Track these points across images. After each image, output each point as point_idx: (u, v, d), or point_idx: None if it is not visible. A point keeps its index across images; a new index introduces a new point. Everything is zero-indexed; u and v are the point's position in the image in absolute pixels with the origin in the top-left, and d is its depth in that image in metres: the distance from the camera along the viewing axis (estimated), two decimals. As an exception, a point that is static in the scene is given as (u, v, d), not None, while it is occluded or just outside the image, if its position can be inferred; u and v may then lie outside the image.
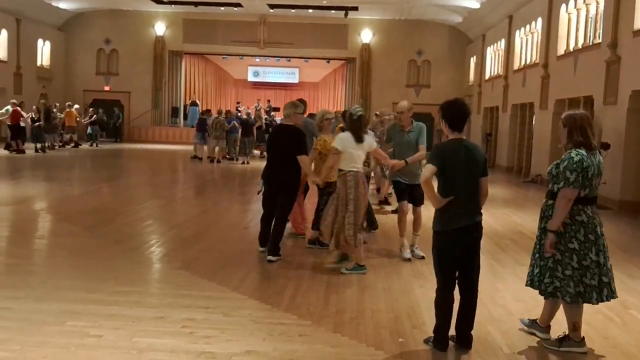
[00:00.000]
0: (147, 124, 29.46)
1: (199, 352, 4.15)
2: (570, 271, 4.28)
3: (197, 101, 30.78)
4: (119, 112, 27.57)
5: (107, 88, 29.49)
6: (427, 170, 4.22)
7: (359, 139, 6.27)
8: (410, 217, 7.24)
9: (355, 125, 6.31)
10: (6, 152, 19.85)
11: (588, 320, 5.13)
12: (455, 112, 4.36)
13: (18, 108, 19.99)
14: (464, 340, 4.40)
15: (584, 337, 4.44)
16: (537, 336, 4.66)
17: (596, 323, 5.07)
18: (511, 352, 4.40)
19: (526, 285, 4.63)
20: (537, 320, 4.73)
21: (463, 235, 4.25)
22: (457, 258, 4.31)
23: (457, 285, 4.40)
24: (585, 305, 5.47)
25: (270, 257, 6.67)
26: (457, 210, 4.21)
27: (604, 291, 4.32)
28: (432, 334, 4.43)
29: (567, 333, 4.48)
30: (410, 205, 7.21)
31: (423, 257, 6.95)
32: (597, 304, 4.40)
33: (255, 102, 32.75)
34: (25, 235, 8.15)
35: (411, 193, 7.11)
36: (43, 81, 27.37)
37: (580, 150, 4.25)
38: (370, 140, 6.51)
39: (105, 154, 22.05)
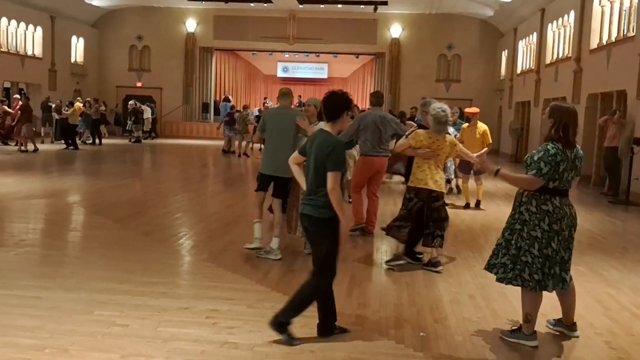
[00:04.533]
0: (178, 119, 29.83)
1: (222, 342, 4.22)
2: (529, 258, 4.30)
3: (230, 97, 31.02)
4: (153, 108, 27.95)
5: (139, 84, 29.94)
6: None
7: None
8: None
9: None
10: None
11: (614, 316, 5.08)
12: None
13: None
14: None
15: (535, 331, 4.43)
16: (567, 335, 4.62)
17: (622, 320, 5.01)
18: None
19: (484, 268, 4.65)
20: (562, 319, 4.70)
21: None
22: None
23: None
24: (612, 301, 5.45)
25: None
26: None
27: (554, 282, 4.33)
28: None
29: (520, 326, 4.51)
30: None
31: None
32: (551, 291, 4.41)
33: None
34: (59, 227, 8.37)
35: None
36: (77, 77, 27.94)
37: (557, 144, 4.28)
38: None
39: (138, 149, 22.41)
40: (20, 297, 5.03)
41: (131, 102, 25.07)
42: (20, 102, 19.88)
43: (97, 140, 22.77)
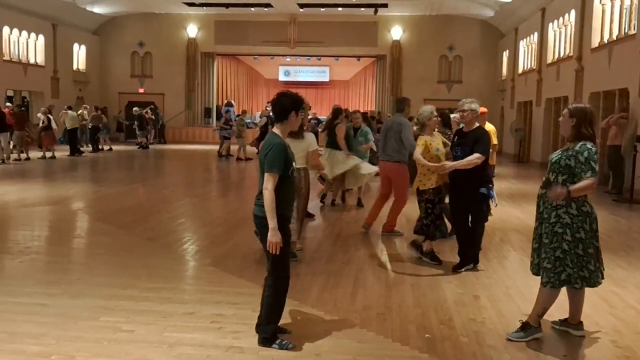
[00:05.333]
0: (180, 125, 29.88)
1: (227, 347, 4.23)
2: (576, 259, 4.35)
3: (233, 102, 31.07)
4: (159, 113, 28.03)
5: (141, 90, 30.00)
6: None
7: None
8: None
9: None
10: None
11: (619, 315, 5.08)
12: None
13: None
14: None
15: (540, 322, 4.55)
16: (572, 334, 4.62)
17: (628, 318, 5.00)
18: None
19: (533, 273, 4.64)
20: (567, 319, 4.69)
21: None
22: None
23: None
24: (617, 300, 5.45)
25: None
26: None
27: (600, 276, 4.46)
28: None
29: (526, 320, 4.55)
30: None
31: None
32: (597, 287, 4.49)
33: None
34: (64, 234, 8.38)
35: None
36: (79, 84, 28.01)
37: (592, 144, 4.32)
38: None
39: (140, 155, 22.45)
40: (26, 305, 5.05)
41: (135, 108, 25.14)
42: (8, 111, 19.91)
43: (98, 147, 22.69)
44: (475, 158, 6.07)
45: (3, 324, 4.57)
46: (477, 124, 6.32)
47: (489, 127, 9.88)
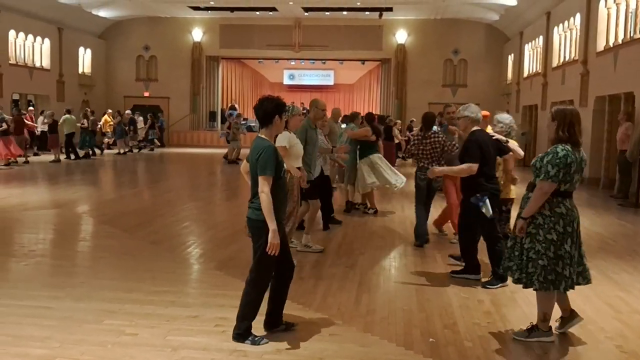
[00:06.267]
0: (185, 128, 29.93)
1: (231, 350, 4.23)
2: (545, 261, 4.36)
3: (236, 105, 31.10)
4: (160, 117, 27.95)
5: (146, 94, 30.09)
6: None
7: None
8: None
9: None
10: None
11: (624, 320, 5.05)
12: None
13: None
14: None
15: (551, 326, 4.54)
16: (574, 324, 4.68)
17: (633, 323, 4.98)
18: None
19: (500, 271, 4.82)
20: (562, 315, 4.73)
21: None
22: None
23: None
24: (623, 305, 5.42)
25: None
26: None
27: (570, 281, 4.41)
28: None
29: (535, 323, 4.55)
30: None
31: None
32: (565, 292, 4.48)
33: (290, 104, 32.85)
34: (68, 237, 8.40)
35: None
36: (85, 88, 28.11)
37: (566, 146, 4.32)
38: None
39: (145, 159, 22.50)
40: (31, 308, 5.06)
41: (127, 111, 24.86)
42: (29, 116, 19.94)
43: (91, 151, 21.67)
44: (467, 167, 5.87)
45: (8, 327, 4.59)
46: (475, 128, 6.08)
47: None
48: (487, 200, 5.75)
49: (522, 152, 6.70)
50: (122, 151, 23.22)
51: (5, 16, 21.97)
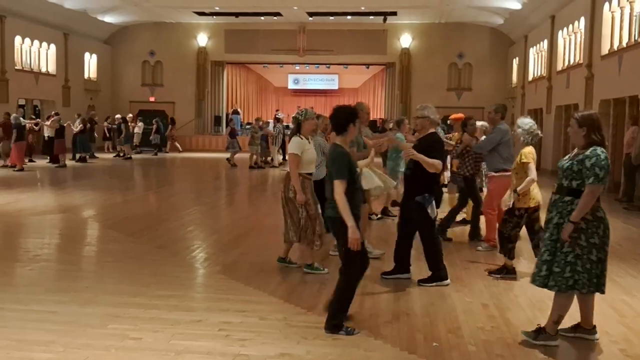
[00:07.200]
0: (190, 133, 30.01)
1: (235, 355, 4.23)
2: (589, 265, 4.36)
3: (239, 109, 31.17)
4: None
5: (152, 99, 30.20)
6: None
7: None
8: None
9: None
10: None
11: (629, 324, 5.04)
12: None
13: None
14: None
15: (558, 330, 4.54)
16: (586, 339, 4.61)
17: (638, 327, 4.96)
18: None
19: (534, 284, 4.56)
20: (580, 324, 4.66)
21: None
22: None
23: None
24: (628, 309, 5.40)
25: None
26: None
27: (605, 282, 4.48)
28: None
29: (543, 326, 4.54)
30: None
31: None
32: (603, 292, 4.50)
33: (295, 109, 32.96)
34: (73, 242, 8.43)
35: None
36: (90, 93, 28.25)
37: (602, 149, 4.34)
38: None
39: (150, 163, 22.56)
40: (35, 312, 5.08)
41: (117, 116, 24.63)
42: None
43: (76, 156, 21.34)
44: (438, 163, 5.92)
45: (12, 331, 4.61)
46: (431, 130, 6.15)
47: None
48: (433, 202, 5.99)
49: (534, 176, 6.59)
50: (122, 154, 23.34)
51: (11, 22, 22.13)
